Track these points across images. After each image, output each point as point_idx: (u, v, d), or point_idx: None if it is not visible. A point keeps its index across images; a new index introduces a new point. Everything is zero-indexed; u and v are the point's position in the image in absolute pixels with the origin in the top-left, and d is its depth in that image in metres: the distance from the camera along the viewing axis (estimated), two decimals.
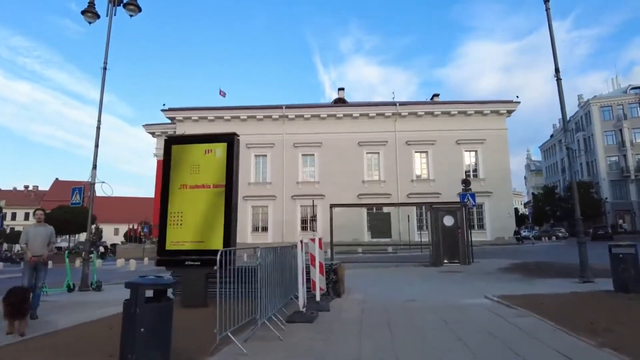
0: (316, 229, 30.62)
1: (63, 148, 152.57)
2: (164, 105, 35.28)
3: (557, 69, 10.21)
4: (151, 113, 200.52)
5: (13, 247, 55.73)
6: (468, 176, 30.79)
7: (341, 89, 40.08)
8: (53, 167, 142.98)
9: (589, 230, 35.78)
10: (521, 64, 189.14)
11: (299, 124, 35.08)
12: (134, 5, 11.44)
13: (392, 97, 40.80)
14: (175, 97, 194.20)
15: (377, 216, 21.94)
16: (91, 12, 11.62)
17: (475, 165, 34.30)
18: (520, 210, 70.20)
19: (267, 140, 34.56)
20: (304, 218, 33.95)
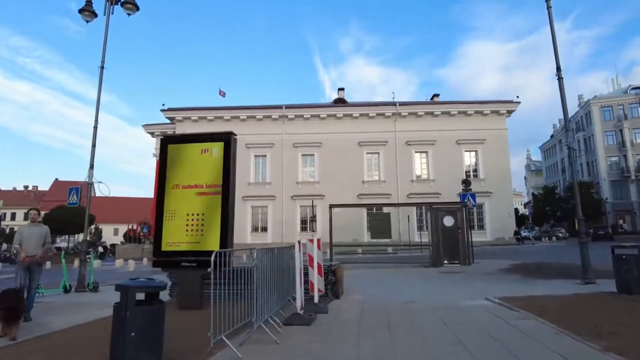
0: (316, 230, 30.51)
1: (63, 148, 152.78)
2: (164, 105, 35.36)
3: (558, 68, 10.12)
4: (151, 113, 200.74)
5: (12, 247, 55.71)
6: (468, 176, 30.73)
7: (341, 89, 40.04)
8: (53, 167, 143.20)
9: (590, 230, 35.69)
10: (521, 64, 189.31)
11: (298, 124, 35.01)
12: (132, 3, 11.37)
13: (392, 97, 40.77)
14: (175, 97, 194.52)
15: (377, 216, 21.83)
16: (88, 11, 11.54)
17: (475, 165, 34.22)
18: (520, 210, 70.06)
19: (266, 140, 34.51)
20: (304, 218, 33.85)
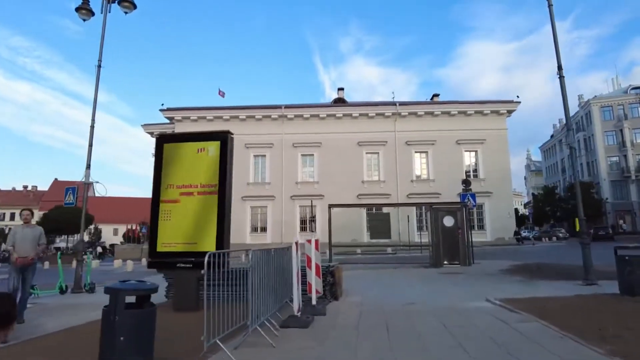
0: (315, 230, 30.38)
1: (63, 148, 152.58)
2: (163, 105, 35.25)
3: (559, 66, 10.02)
4: (151, 113, 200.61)
5: (5, 247, 55.56)
6: (468, 176, 30.62)
7: (341, 89, 39.88)
8: (53, 167, 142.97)
9: (590, 231, 35.57)
10: (521, 64, 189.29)
11: (298, 123, 34.88)
12: (129, 1, 11.27)
13: (392, 97, 40.63)
14: (174, 97, 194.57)
15: (376, 217, 21.74)
16: (85, 9, 11.44)
17: (475, 165, 34.09)
18: (521, 210, 69.94)
19: (266, 140, 34.38)
20: (303, 218, 33.70)
